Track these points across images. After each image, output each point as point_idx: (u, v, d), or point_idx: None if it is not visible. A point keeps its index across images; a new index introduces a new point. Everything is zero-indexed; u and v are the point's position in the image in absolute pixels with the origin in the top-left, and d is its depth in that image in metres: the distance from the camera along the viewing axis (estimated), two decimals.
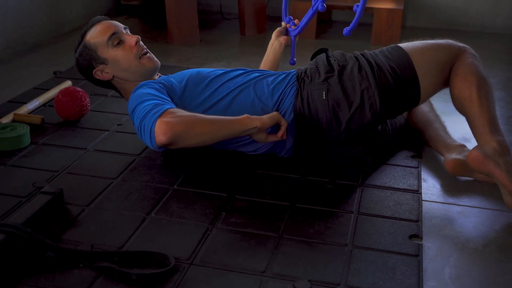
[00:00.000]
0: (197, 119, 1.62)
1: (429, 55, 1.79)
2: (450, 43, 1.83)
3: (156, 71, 1.91)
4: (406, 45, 1.83)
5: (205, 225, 1.51)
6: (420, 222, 1.56)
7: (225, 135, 1.66)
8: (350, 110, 1.74)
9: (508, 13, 3.69)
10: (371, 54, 1.83)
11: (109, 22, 1.88)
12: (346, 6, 3.49)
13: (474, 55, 1.81)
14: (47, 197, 1.52)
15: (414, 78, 1.76)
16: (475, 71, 1.76)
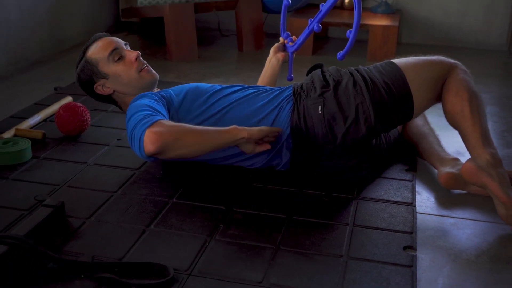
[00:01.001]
0: (186, 130, 1.65)
1: (422, 71, 1.84)
2: (441, 59, 1.87)
3: (155, 84, 1.95)
4: (399, 61, 1.87)
5: (204, 237, 1.55)
6: (414, 234, 1.60)
7: (213, 146, 1.69)
8: (346, 124, 1.78)
9: (501, 30, 3.75)
10: (365, 69, 1.87)
11: (110, 39, 1.93)
12: (342, 23, 3.55)
13: (465, 71, 1.85)
14: (48, 209, 1.56)
15: (407, 93, 1.80)
16: (466, 86, 1.80)
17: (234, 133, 1.69)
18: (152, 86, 1.94)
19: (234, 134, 1.68)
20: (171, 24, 3.29)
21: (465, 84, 1.81)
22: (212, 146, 1.68)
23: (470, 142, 1.77)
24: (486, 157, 1.72)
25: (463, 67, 1.87)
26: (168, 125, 1.63)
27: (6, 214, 1.63)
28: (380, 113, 1.78)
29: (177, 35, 3.30)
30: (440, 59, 1.87)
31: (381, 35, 3.41)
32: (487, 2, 3.73)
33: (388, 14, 3.69)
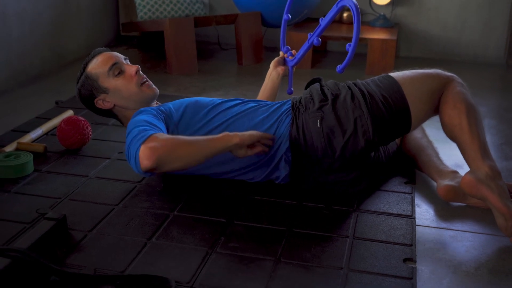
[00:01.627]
0: (179, 142, 1.65)
1: (419, 84, 1.85)
2: (438, 72, 1.89)
3: (155, 98, 1.97)
4: (396, 74, 1.89)
5: (205, 249, 1.56)
6: (413, 246, 1.61)
7: (207, 154, 1.69)
8: (344, 138, 1.80)
9: (498, 43, 3.78)
10: (363, 83, 1.89)
11: (110, 53, 1.95)
12: (341, 37, 3.58)
13: (462, 84, 1.87)
14: (51, 223, 1.57)
15: (405, 106, 1.82)
16: (463, 98, 1.82)
17: (226, 139, 1.70)
18: (152, 100, 1.96)
19: (227, 141, 1.70)
20: (171, 38, 3.31)
21: (462, 96, 1.82)
22: (206, 154, 1.69)
23: (469, 154, 1.78)
24: (485, 169, 1.74)
25: (460, 80, 1.89)
26: (161, 138, 1.63)
27: (8, 227, 1.64)
28: (378, 126, 1.80)
29: (177, 49, 3.33)
30: (437, 72, 1.89)
31: (380, 49, 3.43)
32: (484, 16, 3.76)
33: (386, 28, 3.72)
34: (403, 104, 1.82)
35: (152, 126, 1.70)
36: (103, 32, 3.98)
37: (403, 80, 1.85)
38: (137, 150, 1.62)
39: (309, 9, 3.68)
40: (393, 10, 3.86)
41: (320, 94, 1.88)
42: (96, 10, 3.85)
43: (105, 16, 3.98)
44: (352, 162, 1.85)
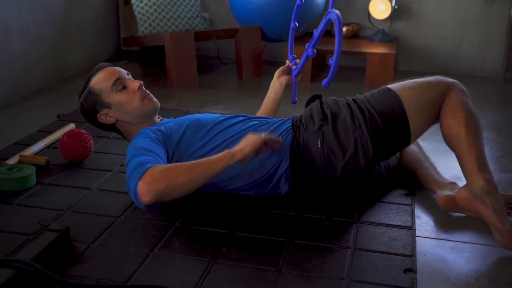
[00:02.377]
0: (177, 171, 1.63)
1: (418, 95, 1.84)
2: (438, 80, 1.88)
3: (157, 111, 1.97)
4: (395, 86, 1.89)
5: (207, 260, 1.57)
6: (414, 257, 1.62)
7: (209, 176, 1.66)
8: (345, 158, 1.80)
9: (496, 57, 3.81)
10: (362, 99, 1.88)
11: (113, 68, 1.96)
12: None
13: (463, 91, 1.86)
14: (54, 234, 1.58)
15: (404, 120, 1.82)
16: (463, 107, 1.81)
17: (228, 157, 1.66)
18: (154, 113, 1.96)
19: (229, 159, 1.66)
20: (172, 53, 3.34)
21: (462, 105, 1.81)
22: (209, 177, 1.66)
23: (466, 166, 1.79)
24: (480, 183, 1.74)
25: (461, 86, 1.87)
26: (158, 172, 1.61)
27: (11, 239, 1.65)
28: (378, 145, 1.81)
29: (177, 63, 3.36)
30: (437, 79, 1.88)
31: (379, 63, 3.46)
32: (482, 30, 3.80)
33: (385, 42, 3.76)
34: (403, 119, 1.82)
35: (150, 154, 1.69)
36: (104, 46, 4.01)
37: (402, 92, 1.85)
38: (135, 186, 1.62)
39: (309, 23, 3.72)
40: (392, 25, 3.89)
41: (320, 113, 1.87)
42: (97, 25, 3.89)
43: (106, 31, 4.01)
44: (353, 179, 1.86)
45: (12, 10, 3.02)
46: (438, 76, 1.90)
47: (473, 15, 3.80)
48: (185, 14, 3.75)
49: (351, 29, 3.88)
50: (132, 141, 1.81)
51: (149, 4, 3.64)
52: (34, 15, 3.20)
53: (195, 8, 3.81)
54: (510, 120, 2.95)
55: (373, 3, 3.79)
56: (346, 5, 4.00)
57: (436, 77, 1.89)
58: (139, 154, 1.70)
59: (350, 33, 3.88)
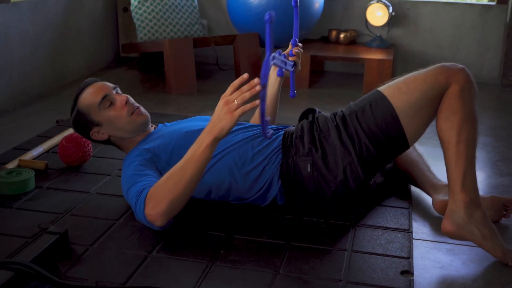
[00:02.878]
0: (171, 182, 1.59)
1: (415, 98, 1.73)
2: (438, 73, 1.73)
3: (147, 123, 1.94)
4: (390, 91, 1.77)
5: (205, 262, 1.58)
6: (411, 259, 1.63)
7: (203, 167, 1.59)
8: (335, 183, 1.77)
9: (493, 64, 3.84)
10: (353, 119, 1.77)
11: (99, 85, 1.92)
12: (338, 57, 3.63)
13: (467, 84, 1.71)
14: (53, 236, 1.59)
15: (399, 132, 1.74)
16: (460, 108, 1.68)
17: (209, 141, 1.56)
18: (145, 126, 1.93)
19: (211, 143, 1.56)
20: (170, 59, 3.36)
21: (459, 106, 1.69)
22: (203, 168, 1.59)
23: (450, 181, 1.69)
24: (462, 206, 1.65)
25: (464, 78, 1.71)
26: (155, 192, 1.60)
27: (10, 242, 1.66)
28: (370, 168, 1.77)
29: (176, 69, 3.38)
30: (437, 73, 1.73)
31: (376, 69, 3.48)
32: (479, 36, 3.82)
33: (382, 49, 3.78)
34: (398, 130, 1.74)
35: (143, 179, 1.68)
36: (103, 53, 4.03)
37: (398, 100, 1.74)
38: (145, 217, 1.61)
39: (307, 29, 3.74)
40: (389, 31, 3.92)
41: (310, 136, 1.81)
42: (96, 32, 3.91)
43: (105, 38, 4.03)
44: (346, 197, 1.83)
45: (12, 16, 3.04)
46: (440, 65, 1.75)
47: (470, 22, 3.83)
48: (184, 20, 3.77)
49: (348, 35, 3.90)
50: (123, 168, 1.80)
51: (148, 11, 3.67)
52: (34, 21, 3.22)
53: (193, 15, 3.83)
54: (507, 126, 2.97)
55: (370, 10, 3.81)
56: (344, 12, 4.02)
57: (436, 69, 1.74)
58: (133, 182, 1.69)
59: (347, 39, 3.90)
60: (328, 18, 4.02)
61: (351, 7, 4.01)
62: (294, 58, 1.89)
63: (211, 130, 1.55)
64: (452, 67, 1.74)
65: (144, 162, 1.77)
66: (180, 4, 3.79)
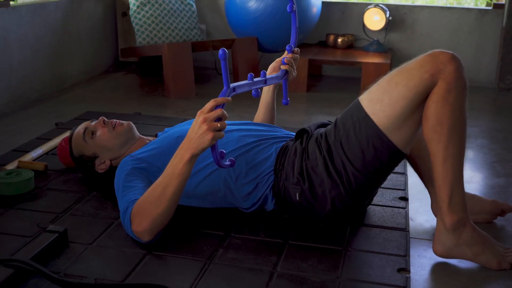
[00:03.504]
0: (151, 199, 1.58)
1: (399, 107, 1.58)
2: (422, 70, 1.55)
3: (132, 129, 1.95)
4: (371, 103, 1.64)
5: (203, 260, 1.59)
6: (407, 257, 1.64)
7: (184, 182, 1.57)
8: (324, 211, 1.75)
9: (489, 68, 3.86)
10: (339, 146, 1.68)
11: (78, 129, 1.98)
12: (335, 61, 3.66)
13: (453, 83, 1.55)
14: (52, 235, 1.60)
15: (390, 148, 1.63)
16: (445, 118, 1.55)
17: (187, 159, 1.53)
18: (131, 133, 1.95)
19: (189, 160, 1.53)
20: (169, 62, 3.38)
21: (446, 114, 1.55)
22: (184, 183, 1.57)
23: (438, 198, 1.62)
24: (449, 228, 1.60)
25: (452, 72, 1.54)
26: (137, 211, 1.59)
27: (10, 241, 1.67)
28: (361, 195, 1.73)
29: (175, 73, 3.40)
30: (420, 72, 1.56)
31: (374, 72, 3.50)
32: (476, 41, 3.85)
33: (380, 53, 3.80)
34: (388, 148, 1.63)
35: (130, 192, 1.67)
36: (102, 57, 4.05)
37: (381, 113, 1.61)
38: (132, 233, 1.62)
39: (305, 34, 3.77)
40: (387, 36, 3.94)
41: (300, 165, 1.73)
42: (95, 37, 3.93)
43: (104, 42, 4.06)
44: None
45: (12, 20, 3.06)
46: (425, 58, 1.57)
47: (466, 27, 3.86)
48: (182, 25, 3.79)
49: (346, 40, 3.93)
50: (116, 175, 1.80)
51: (147, 15, 3.69)
52: (33, 26, 3.24)
53: (192, 20, 3.86)
54: (503, 128, 2.99)
55: (368, 14, 3.84)
56: (341, 16, 4.05)
57: (420, 64, 1.57)
58: (122, 195, 1.70)
59: (345, 44, 3.92)
60: (326, 22, 4.04)
61: (349, 11, 4.03)
62: (286, 66, 1.89)
63: (189, 146, 1.52)
64: (439, 57, 1.55)
65: (133, 171, 1.76)
66: (179, 8, 3.81)
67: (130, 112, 3.05)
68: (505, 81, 3.68)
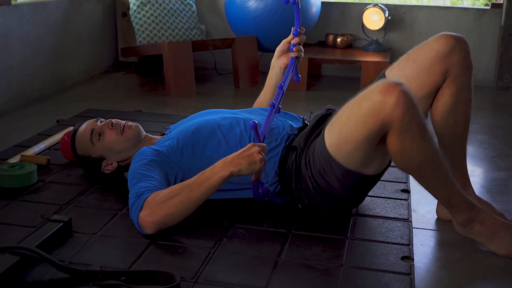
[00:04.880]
0: (172, 197, 1.58)
1: (362, 152, 1.56)
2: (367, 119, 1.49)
3: (141, 132, 1.94)
4: (334, 147, 1.61)
5: (207, 249, 1.59)
6: (411, 246, 1.65)
7: (206, 196, 1.60)
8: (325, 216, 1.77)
9: (488, 67, 3.88)
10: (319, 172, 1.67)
11: (83, 127, 1.96)
12: (335, 60, 3.67)
13: (403, 124, 1.45)
14: (57, 224, 1.61)
15: (361, 177, 1.63)
16: (409, 162, 1.52)
17: (224, 176, 1.57)
18: (140, 135, 1.94)
19: (226, 177, 1.58)
20: (169, 61, 3.39)
21: (407, 160, 1.52)
22: (206, 197, 1.60)
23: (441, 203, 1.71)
24: (459, 225, 1.66)
25: (400, 112, 1.44)
26: (155, 202, 1.58)
27: (15, 231, 1.67)
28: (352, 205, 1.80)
29: (175, 71, 3.41)
30: (366, 122, 1.49)
31: (373, 71, 3.51)
32: (474, 40, 3.87)
33: (379, 52, 3.82)
34: (358, 178, 1.63)
35: (146, 180, 1.66)
36: (101, 58, 4.06)
37: (347, 158, 1.59)
38: (137, 220, 1.61)
39: (305, 33, 3.77)
40: (386, 35, 3.96)
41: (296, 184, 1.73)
42: (95, 37, 3.94)
43: (104, 43, 4.07)
44: None
45: (13, 19, 3.07)
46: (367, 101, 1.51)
47: (465, 26, 3.88)
48: (182, 25, 3.81)
49: (345, 39, 3.95)
50: (132, 162, 1.79)
51: (147, 15, 3.71)
52: (34, 25, 3.25)
53: (192, 19, 3.87)
54: (503, 125, 3.00)
55: (367, 14, 3.86)
56: (341, 16, 4.07)
57: (364, 113, 1.50)
58: (136, 181, 1.68)
59: (344, 43, 3.94)
60: (325, 22, 4.06)
61: (348, 11, 4.06)
62: (295, 54, 1.95)
63: (233, 164, 1.57)
64: (383, 97, 1.46)
65: (151, 162, 1.74)
66: (179, 8, 3.83)
67: (131, 110, 3.05)
68: (504, 80, 3.70)
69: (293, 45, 1.95)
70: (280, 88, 1.79)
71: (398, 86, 1.45)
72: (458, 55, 1.73)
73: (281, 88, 1.80)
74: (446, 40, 1.73)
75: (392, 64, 1.84)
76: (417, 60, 1.76)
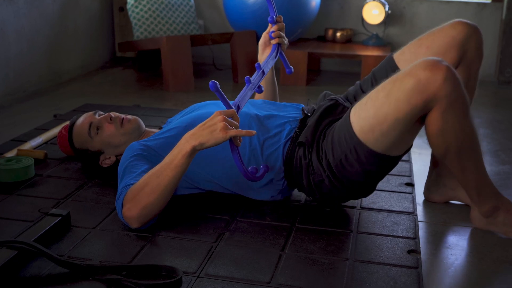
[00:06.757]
0: (144, 187, 1.53)
1: (394, 136, 1.50)
2: (411, 95, 1.42)
3: (140, 125, 1.90)
4: (364, 131, 1.53)
5: (210, 243, 1.56)
6: (417, 239, 1.62)
7: (181, 174, 1.53)
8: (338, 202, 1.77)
9: (489, 61, 3.85)
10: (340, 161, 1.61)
11: (80, 120, 1.92)
12: (335, 54, 3.64)
13: (449, 104, 1.42)
14: (55, 218, 1.57)
15: (390, 159, 1.58)
16: (449, 144, 1.49)
17: (188, 152, 1.49)
18: (140, 129, 1.90)
19: (190, 153, 1.50)
20: (168, 55, 3.35)
21: (448, 141, 1.49)
22: (180, 175, 1.53)
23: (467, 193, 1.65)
24: (483, 214, 1.66)
25: (448, 91, 1.41)
26: (130, 196, 1.55)
27: (12, 225, 1.63)
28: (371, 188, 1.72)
29: (173, 66, 3.37)
30: (409, 97, 1.42)
31: (373, 66, 3.45)
32: None
33: (379, 47, 3.79)
34: (388, 161, 1.58)
35: (131, 175, 1.62)
36: (98, 53, 4.02)
37: (376, 143, 1.53)
38: (121, 216, 1.58)
39: (303, 28, 3.75)
40: (386, 30, 3.93)
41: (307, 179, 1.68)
42: (92, 31, 3.90)
43: (101, 37, 4.02)
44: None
45: (9, 12, 3.02)
46: (413, 77, 1.41)
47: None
48: (180, 19, 3.76)
49: (345, 34, 3.91)
50: (121, 157, 1.76)
51: (145, 9, 3.66)
52: (30, 18, 3.20)
53: (190, 14, 3.83)
54: (504, 119, 2.97)
55: (366, 8, 3.83)
56: (340, 11, 4.04)
57: (409, 87, 1.42)
58: (120, 179, 1.66)
59: (344, 38, 3.90)
60: (324, 17, 4.03)
61: (348, 5, 4.02)
62: (276, 40, 1.88)
63: (194, 137, 1.48)
64: (431, 74, 1.40)
65: (138, 157, 1.70)
66: (177, 3, 3.79)
67: (129, 105, 3.01)
68: (505, 74, 3.68)
69: (272, 32, 1.87)
70: (258, 68, 1.69)
71: (445, 63, 1.42)
72: (474, 43, 1.70)
73: (259, 68, 1.69)
74: (463, 28, 1.69)
75: (402, 48, 1.79)
76: (431, 45, 1.72)
